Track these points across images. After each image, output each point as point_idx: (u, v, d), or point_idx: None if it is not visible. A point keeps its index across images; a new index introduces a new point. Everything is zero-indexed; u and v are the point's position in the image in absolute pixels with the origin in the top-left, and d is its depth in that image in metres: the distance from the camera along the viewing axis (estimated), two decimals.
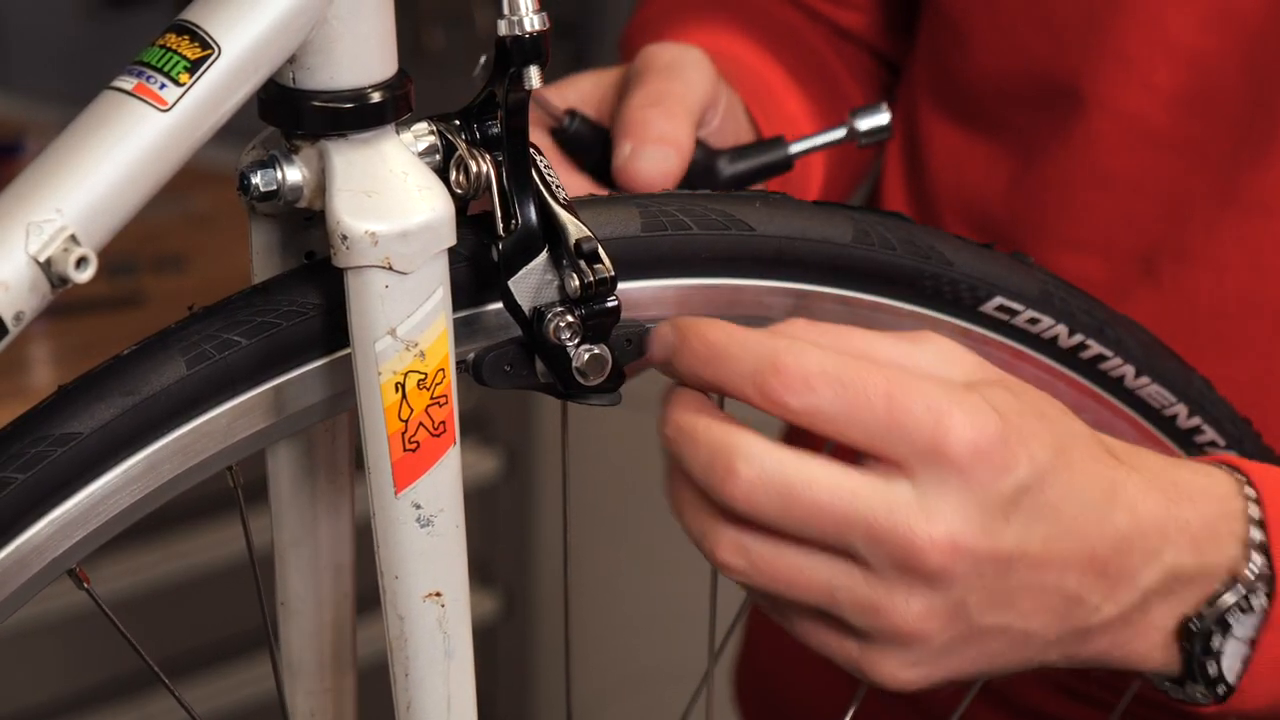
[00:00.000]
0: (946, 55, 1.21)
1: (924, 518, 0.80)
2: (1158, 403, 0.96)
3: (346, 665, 0.94)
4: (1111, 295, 1.14)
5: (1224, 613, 0.86)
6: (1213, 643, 0.87)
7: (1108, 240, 1.13)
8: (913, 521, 0.80)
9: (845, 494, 0.80)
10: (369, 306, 0.79)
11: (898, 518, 0.80)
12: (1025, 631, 0.84)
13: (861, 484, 0.80)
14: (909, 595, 0.81)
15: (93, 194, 0.75)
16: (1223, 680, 0.88)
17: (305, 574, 0.92)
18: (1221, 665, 0.87)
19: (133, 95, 0.76)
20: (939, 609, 0.81)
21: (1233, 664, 0.87)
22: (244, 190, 0.82)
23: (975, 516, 0.80)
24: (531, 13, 0.80)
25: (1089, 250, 1.14)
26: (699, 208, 0.87)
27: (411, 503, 0.81)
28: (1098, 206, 1.13)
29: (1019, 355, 0.94)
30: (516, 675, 2.58)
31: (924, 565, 0.80)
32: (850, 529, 0.80)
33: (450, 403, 0.81)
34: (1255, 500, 0.88)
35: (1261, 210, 1.08)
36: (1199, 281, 1.04)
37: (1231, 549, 0.87)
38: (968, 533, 0.80)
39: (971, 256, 0.92)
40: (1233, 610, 0.86)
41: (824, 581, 0.81)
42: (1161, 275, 1.12)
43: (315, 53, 0.79)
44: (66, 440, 0.78)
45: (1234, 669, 0.87)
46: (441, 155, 0.82)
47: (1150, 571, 0.85)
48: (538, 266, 0.83)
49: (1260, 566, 0.87)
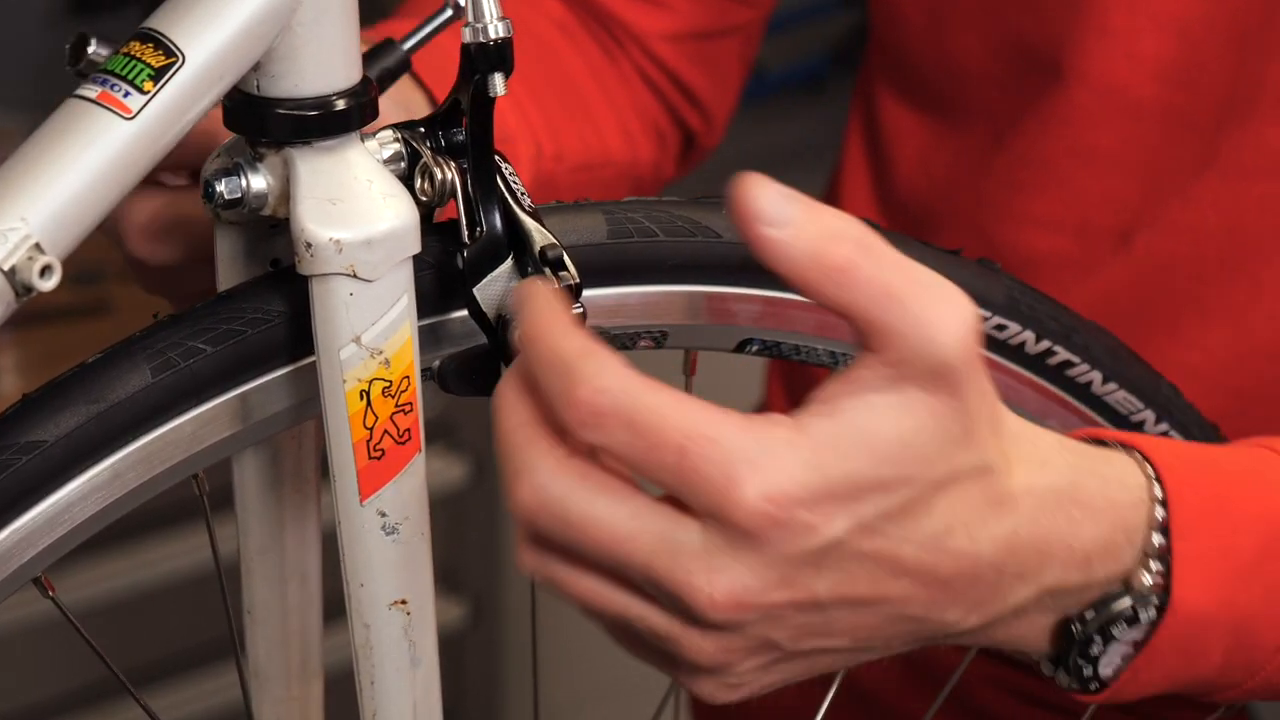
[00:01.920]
0: (910, 41, 1.20)
1: (706, 570, 0.73)
2: (1125, 409, 0.96)
3: (313, 673, 0.94)
4: (1082, 270, 1.14)
5: (1109, 622, 0.82)
6: (1092, 649, 0.83)
7: (1083, 216, 1.13)
8: (694, 573, 0.73)
9: (625, 532, 0.73)
10: (334, 314, 0.79)
11: (679, 565, 0.73)
12: (857, 648, 0.79)
13: (646, 523, 0.74)
14: (701, 636, 0.75)
15: (57, 202, 0.75)
16: (1097, 678, 0.84)
17: (271, 582, 0.92)
18: (1098, 667, 0.84)
19: (97, 103, 0.76)
20: (736, 646, 0.76)
21: (1111, 664, 0.84)
22: (208, 198, 0.81)
23: (768, 574, 0.74)
24: (496, 20, 0.81)
25: (1062, 228, 1.14)
26: (665, 214, 0.87)
27: (376, 510, 0.81)
28: (1076, 182, 1.13)
29: (987, 362, 0.93)
30: (483, 683, 2.57)
31: (705, 617, 0.74)
32: (628, 567, 0.74)
33: (415, 410, 0.81)
34: (1162, 502, 0.83)
35: (1239, 173, 1.08)
36: (1175, 248, 1.01)
37: (1128, 558, 0.82)
38: (757, 588, 0.74)
39: (937, 263, 0.92)
40: (1118, 621, 0.83)
41: (620, 607, 0.76)
42: (1136, 245, 1.12)
43: (280, 60, 0.79)
44: (31, 449, 0.77)
45: (1112, 667, 0.84)
46: (406, 163, 0.82)
47: (1023, 590, 0.80)
48: (503, 274, 0.83)
49: (1156, 574, 0.82)
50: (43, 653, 2.11)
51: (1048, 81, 1.12)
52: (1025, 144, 1.14)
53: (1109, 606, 0.82)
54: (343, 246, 0.78)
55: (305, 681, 0.94)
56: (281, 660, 0.93)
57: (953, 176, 1.19)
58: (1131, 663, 0.83)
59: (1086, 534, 0.81)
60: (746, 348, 0.90)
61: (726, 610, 0.74)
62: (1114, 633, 0.83)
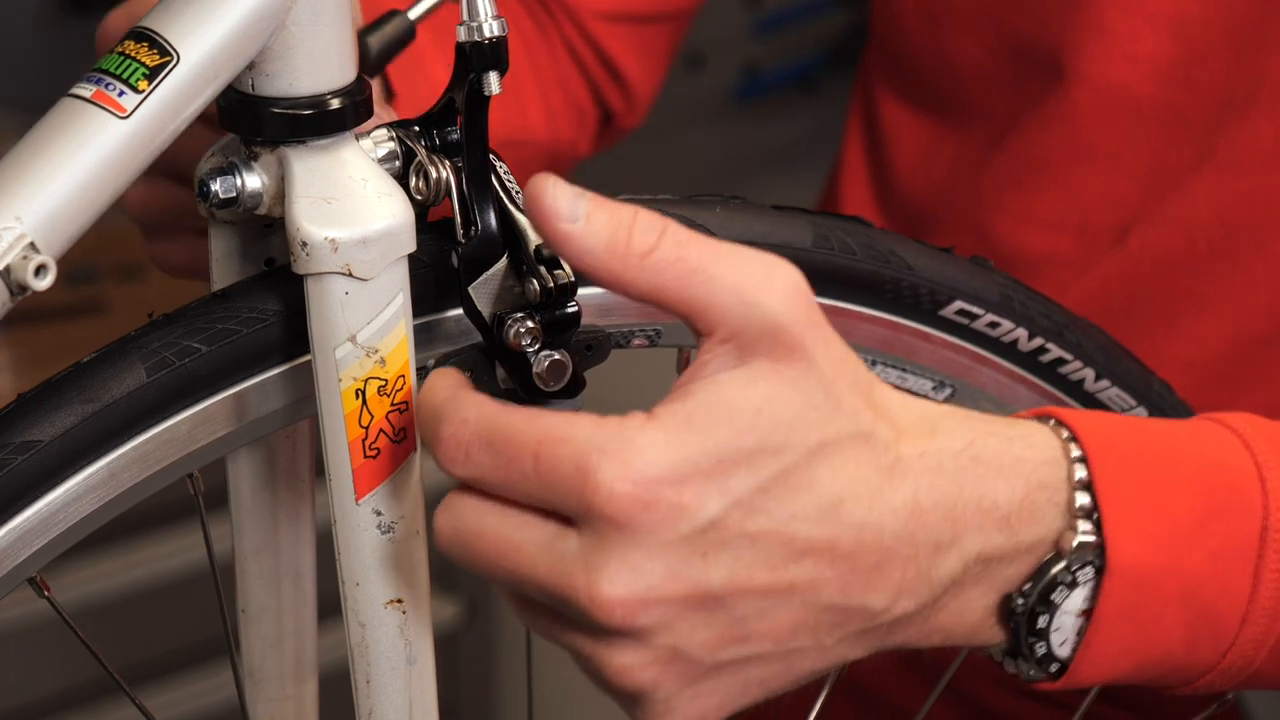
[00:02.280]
0: (909, 43, 1.21)
1: (587, 576, 0.73)
2: (1118, 406, 0.96)
3: (308, 673, 0.94)
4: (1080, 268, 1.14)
5: (1048, 590, 0.80)
6: (1038, 623, 0.80)
7: (1083, 215, 1.13)
8: (577, 580, 0.73)
9: (511, 549, 0.74)
10: (329, 313, 0.79)
11: (564, 576, 0.73)
12: (787, 652, 0.76)
13: (529, 539, 0.74)
14: (609, 650, 0.75)
15: (52, 202, 0.75)
16: (1053, 658, 0.82)
17: (266, 581, 0.92)
18: (1051, 643, 0.81)
19: (92, 102, 0.76)
20: (648, 659, 0.75)
21: (1065, 640, 0.81)
22: (203, 198, 0.81)
23: (653, 566, 0.73)
24: (490, 19, 0.81)
25: (1062, 227, 1.14)
26: (659, 211, 0.87)
27: (372, 509, 0.81)
28: (1075, 181, 1.13)
29: (980, 359, 0.94)
30: (478, 682, 2.57)
31: (604, 624, 0.73)
32: (524, 586, 0.74)
33: (410, 409, 0.81)
34: (1081, 460, 0.81)
35: (1234, 168, 1.08)
36: (1170, 243, 1.01)
37: (1054, 519, 0.80)
38: (646, 584, 0.73)
39: (931, 260, 0.92)
40: (1057, 587, 0.80)
41: (543, 628, 0.76)
42: (1131, 241, 1.12)
43: (274, 59, 0.79)
44: (27, 448, 0.77)
45: (1068, 645, 0.81)
46: (401, 161, 0.82)
47: (947, 562, 0.77)
48: (498, 272, 0.83)
49: (1087, 532, 0.80)
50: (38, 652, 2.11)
51: (1047, 82, 1.12)
52: (1025, 144, 1.14)
53: (1045, 573, 0.80)
54: (338, 245, 0.78)
55: (300, 681, 0.94)
56: (276, 660, 0.93)
57: (952, 176, 1.19)
58: (1085, 636, 0.81)
59: (999, 493, 0.79)
60: None
61: (617, 610, 0.73)
62: (1055, 599, 0.80)
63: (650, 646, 0.74)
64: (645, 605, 0.73)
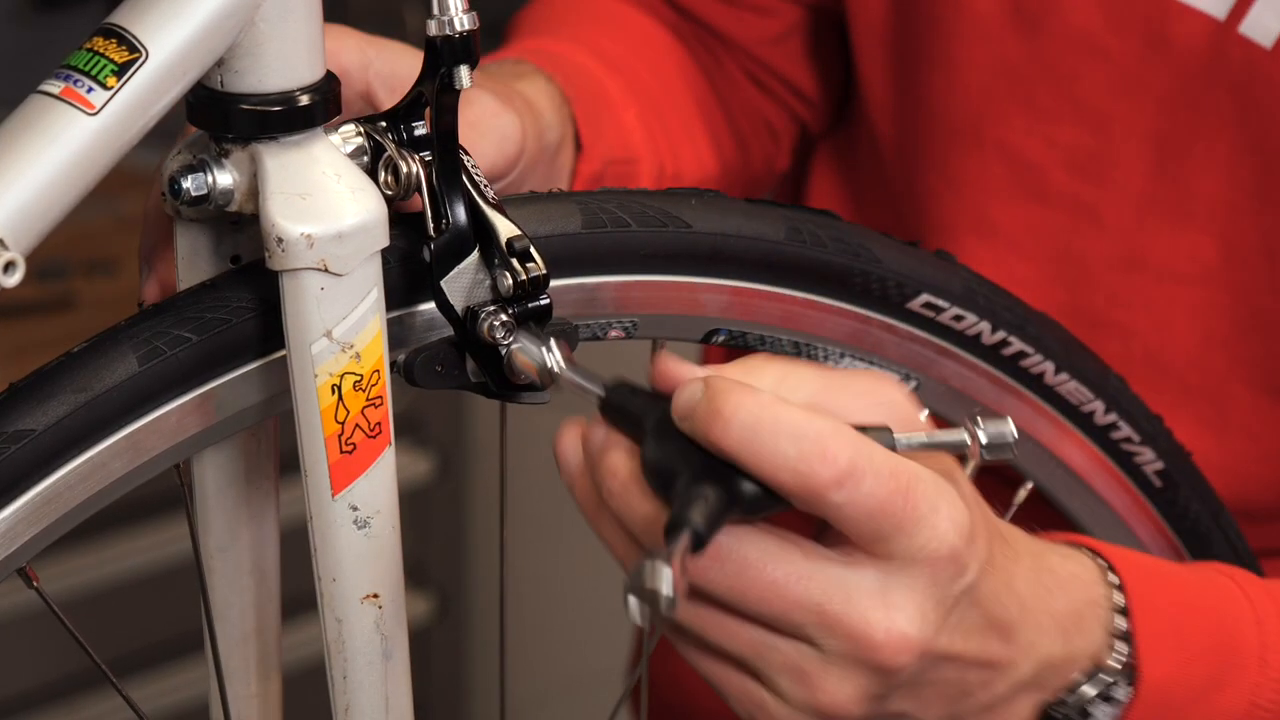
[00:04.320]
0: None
1: (884, 610, 0.76)
2: (1076, 399, 0.97)
3: (272, 670, 0.94)
4: None
5: (1085, 703, 0.85)
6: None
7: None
8: (871, 613, 0.76)
9: (801, 580, 0.76)
10: (305, 309, 0.79)
11: (855, 607, 0.76)
12: (916, 717, 0.81)
13: (820, 567, 0.76)
14: (845, 677, 0.77)
15: (20, 198, 0.74)
16: None
17: (231, 579, 0.91)
18: None
19: (60, 99, 0.76)
20: (869, 695, 0.78)
21: None
22: (174, 195, 0.81)
23: (930, 615, 0.77)
24: (461, 12, 0.81)
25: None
26: (637, 204, 0.88)
27: (349, 505, 0.81)
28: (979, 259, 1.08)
29: (943, 352, 0.94)
30: (451, 677, 2.57)
31: (875, 658, 0.77)
32: (803, 613, 0.76)
33: (385, 404, 0.81)
34: (1118, 587, 0.86)
35: (1173, 278, 1.08)
36: (1104, 346, 1.01)
37: (1097, 635, 0.85)
38: (923, 631, 0.77)
39: (899, 254, 0.93)
40: (1094, 701, 0.85)
41: (759, 641, 0.78)
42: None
43: (243, 56, 0.79)
44: (20, 437, 0.77)
45: None
46: (370, 157, 0.82)
47: (1027, 664, 0.83)
48: (469, 266, 0.83)
49: (1124, 655, 0.85)
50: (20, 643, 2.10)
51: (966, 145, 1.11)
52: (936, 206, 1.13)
53: (1082, 688, 0.85)
54: (314, 241, 0.78)
55: (265, 679, 0.94)
56: (241, 658, 0.93)
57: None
58: None
59: (1061, 603, 0.83)
60: (714, 338, 0.91)
61: (898, 650, 0.77)
62: (1091, 712, 0.85)
63: (882, 685, 0.78)
64: (914, 651, 0.77)
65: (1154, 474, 1.00)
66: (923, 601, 0.77)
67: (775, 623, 0.77)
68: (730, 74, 1.22)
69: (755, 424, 0.74)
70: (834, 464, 0.74)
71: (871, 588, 0.76)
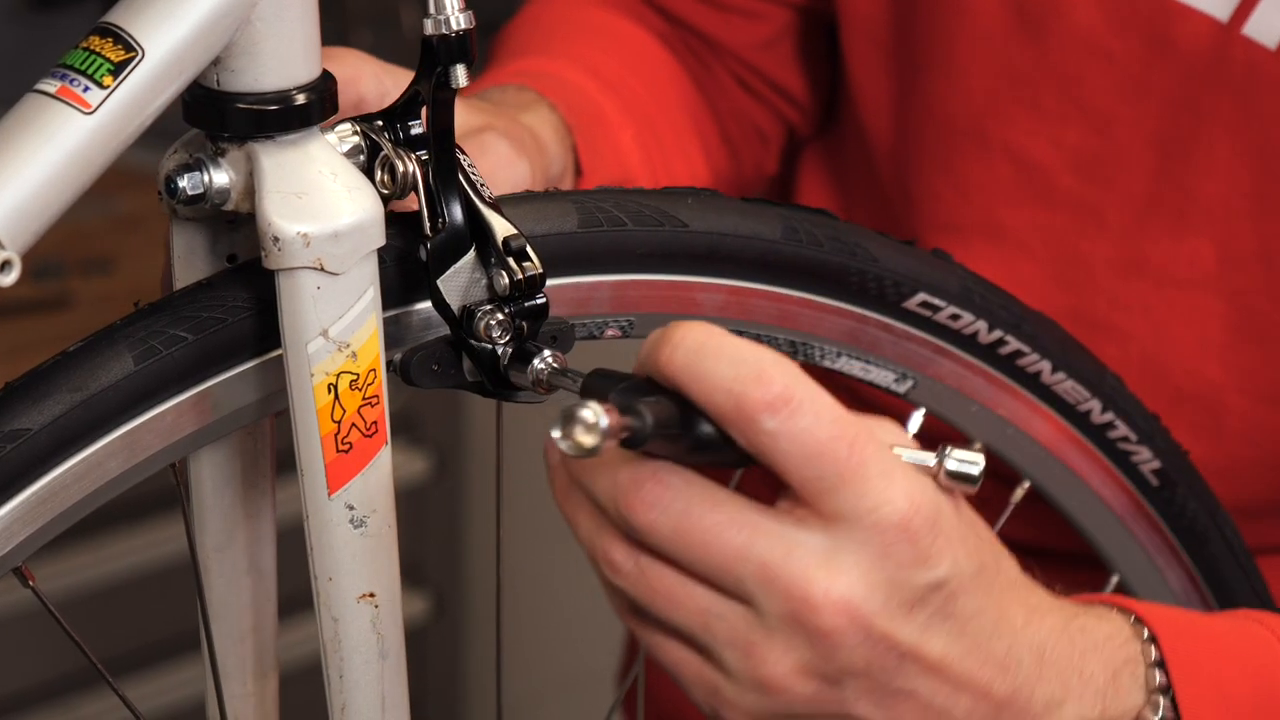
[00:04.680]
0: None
1: (826, 570, 0.75)
2: (1072, 398, 0.97)
3: (269, 669, 0.94)
4: None
5: None
6: None
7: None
8: (812, 571, 0.75)
9: (745, 528, 0.75)
10: (301, 308, 0.79)
11: (796, 564, 0.75)
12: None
13: (766, 521, 0.75)
14: (788, 647, 0.76)
15: (16, 197, 0.74)
16: None
17: (228, 578, 0.91)
18: None
19: (56, 98, 0.76)
20: (814, 670, 0.76)
21: None
22: (170, 194, 0.81)
23: (880, 591, 0.75)
24: (457, 11, 0.81)
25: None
26: (633, 203, 0.88)
27: (345, 504, 0.81)
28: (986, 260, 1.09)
29: (940, 351, 0.94)
30: (447, 676, 2.57)
31: (813, 620, 0.75)
32: (744, 564, 0.75)
33: (382, 403, 0.81)
34: (1153, 641, 0.85)
35: (1172, 282, 1.07)
36: (1103, 350, 1.00)
37: (1135, 696, 0.84)
38: (868, 602, 0.75)
39: (895, 253, 0.93)
40: None
41: (703, 608, 0.76)
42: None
43: (240, 55, 0.79)
44: (15, 436, 0.77)
45: None
46: (366, 156, 0.82)
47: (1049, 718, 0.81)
48: (466, 265, 0.83)
49: (1164, 710, 0.84)
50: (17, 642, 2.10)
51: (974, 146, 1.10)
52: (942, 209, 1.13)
53: None
54: (310, 240, 0.78)
55: (261, 678, 0.94)
56: (238, 657, 0.93)
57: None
58: None
59: (1095, 665, 0.83)
60: None
61: (836, 612, 0.75)
62: None
63: (824, 659, 0.76)
64: (857, 621, 0.75)
65: (1151, 473, 1.00)
66: (869, 571, 0.75)
67: (716, 576, 0.76)
68: (719, 80, 1.22)
69: (699, 348, 0.75)
70: (768, 387, 0.74)
71: (816, 547, 0.75)
